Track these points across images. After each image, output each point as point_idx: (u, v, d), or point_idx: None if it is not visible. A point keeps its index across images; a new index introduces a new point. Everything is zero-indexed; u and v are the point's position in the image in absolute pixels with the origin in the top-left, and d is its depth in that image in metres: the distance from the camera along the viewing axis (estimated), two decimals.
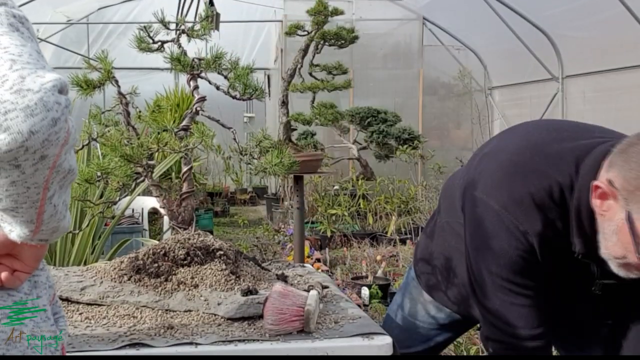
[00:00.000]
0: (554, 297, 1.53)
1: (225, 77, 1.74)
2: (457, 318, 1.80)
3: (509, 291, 1.44)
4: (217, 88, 1.77)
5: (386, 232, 6.29)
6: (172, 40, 1.76)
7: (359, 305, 2.96)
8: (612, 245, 1.31)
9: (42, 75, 0.85)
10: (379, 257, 5.18)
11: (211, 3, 4.07)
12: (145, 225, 4.35)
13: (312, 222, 6.52)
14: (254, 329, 1.42)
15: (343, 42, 3.42)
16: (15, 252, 0.98)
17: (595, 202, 1.30)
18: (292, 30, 3.40)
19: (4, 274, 0.98)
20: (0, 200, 0.87)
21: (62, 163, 0.87)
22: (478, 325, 1.74)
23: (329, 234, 6.20)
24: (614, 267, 1.33)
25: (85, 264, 2.81)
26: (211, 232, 4.81)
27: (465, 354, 3.11)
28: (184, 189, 1.74)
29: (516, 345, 1.46)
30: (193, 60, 1.73)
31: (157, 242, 1.85)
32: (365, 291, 4.26)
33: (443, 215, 1.72)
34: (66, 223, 0.97)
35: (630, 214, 1.24)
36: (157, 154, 1.71)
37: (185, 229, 1.70)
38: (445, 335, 1.88)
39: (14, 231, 0.92)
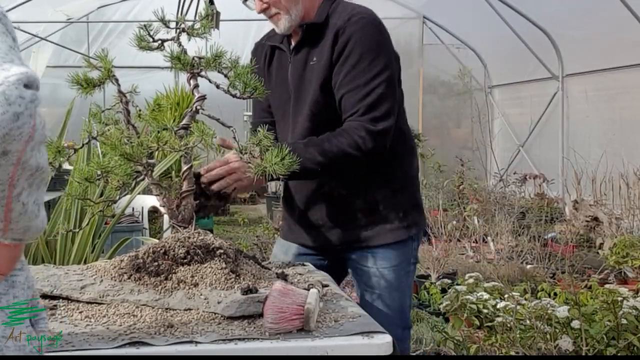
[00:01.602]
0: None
1: (226, 76, 1.74)
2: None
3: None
4: (217, 87, 1.77)
5: None
6: (172, 39, 1.76)
7: (359, 304, 2.95)
8: None
9: (7, 69, 0.84)
10: None
11: (211, 2, 4.07)
12: (145, 224, 4.35)
13: None
14: (254, 328, 1.42)
15: None
16: None
17: None
18: None
19: None
20: None
21: (28, 160, 0.86)
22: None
23: None
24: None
25: (85, 262, 2.81)
26: (211, 231, 4.81)
27: (465, 353, 3.11)
28: (184, 188, 1.74)
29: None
30: (193, 58, 1.73)
31: (157, 240, 1.85)
32: None
33: None
34: (39, 223, 0.95)
35: None
36: (157, 152, 1.71)
37: (185, 228, 1.70)
38: None
39: None
